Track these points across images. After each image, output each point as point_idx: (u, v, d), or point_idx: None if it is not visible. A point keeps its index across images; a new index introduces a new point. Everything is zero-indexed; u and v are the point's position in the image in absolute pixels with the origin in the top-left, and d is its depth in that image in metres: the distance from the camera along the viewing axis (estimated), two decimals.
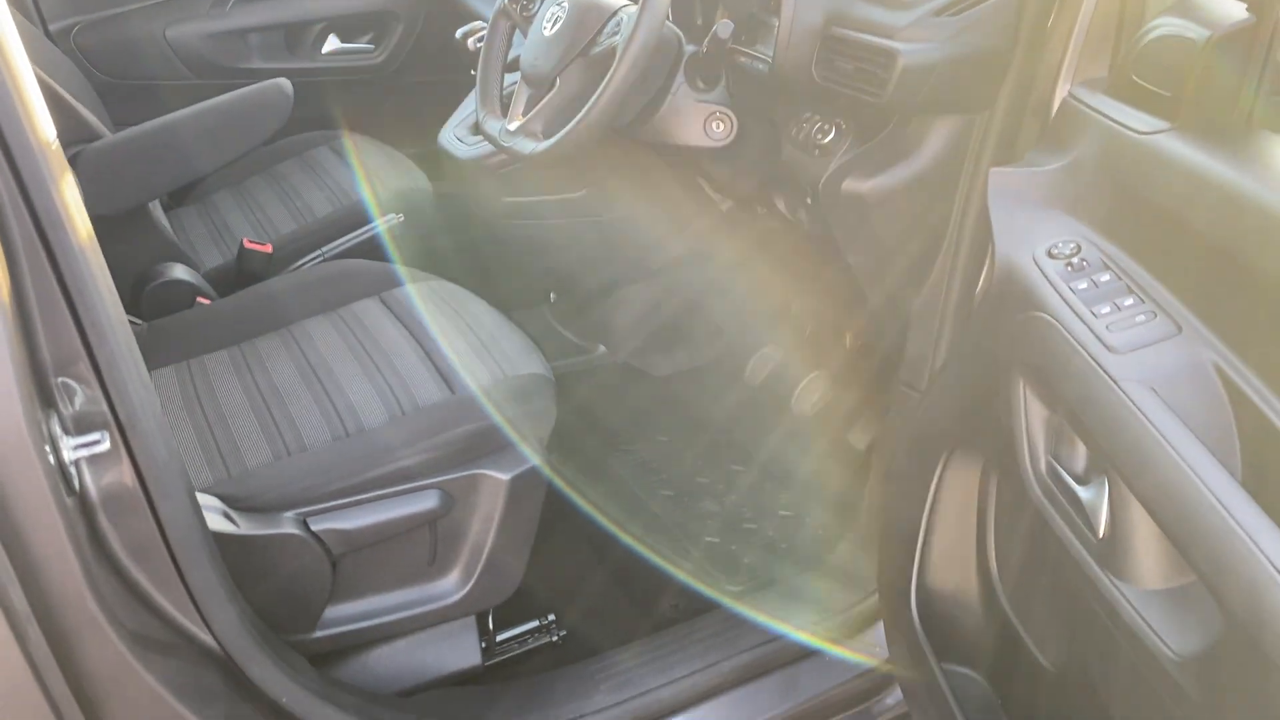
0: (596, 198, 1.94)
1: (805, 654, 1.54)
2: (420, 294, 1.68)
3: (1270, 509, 0.80)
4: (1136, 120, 1.03)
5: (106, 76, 2.43)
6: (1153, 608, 0.92)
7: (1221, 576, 0.80)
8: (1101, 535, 0.95)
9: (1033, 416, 1.04)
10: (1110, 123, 1.05)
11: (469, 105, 2.02)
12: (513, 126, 1.50)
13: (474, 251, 2.44)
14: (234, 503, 1.27)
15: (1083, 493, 0.98)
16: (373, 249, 2.06)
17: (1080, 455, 1.00)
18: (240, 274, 1.97)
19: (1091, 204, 1.06)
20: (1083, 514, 0.98)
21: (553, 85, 1.48)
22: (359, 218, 2.10)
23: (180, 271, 1.86)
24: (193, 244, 2.11)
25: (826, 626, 1.57)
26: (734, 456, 2.06)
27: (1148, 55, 1.06)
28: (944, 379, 1.33)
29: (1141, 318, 0.93)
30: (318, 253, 2.02)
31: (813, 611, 1.61)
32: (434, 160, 2.32)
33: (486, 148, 1.92)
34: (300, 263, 2.01)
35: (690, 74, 1.49)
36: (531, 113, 1.47)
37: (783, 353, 2.10)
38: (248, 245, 1.97)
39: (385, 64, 2.64)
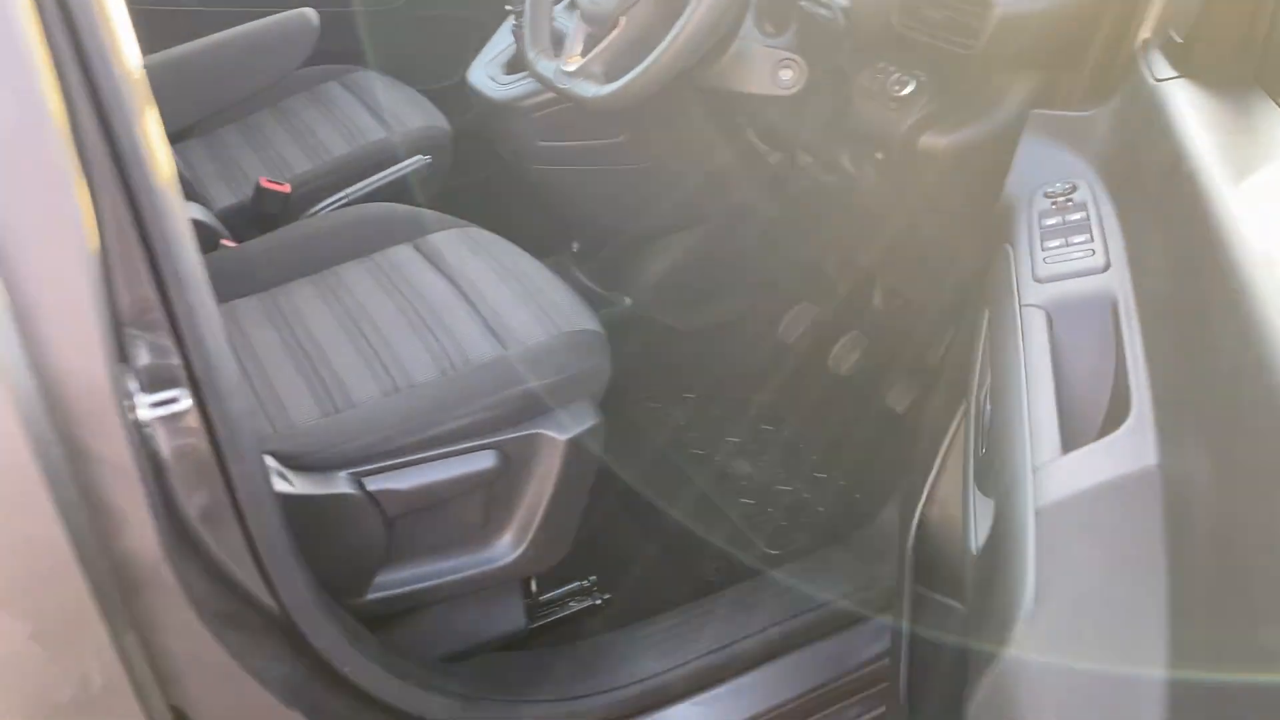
0: (636, 145, 1.86)
1: (855, 620, 1.52)
2: (457, 241, 1.60)
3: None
4: (1160, 68, 1.03)
5: None
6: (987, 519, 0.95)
7: (1001, 475, 0.85)
8: (982, 452, 0.99)
9: (985, 345, 1.08)
10: (1143, 69, 1.06)
11: (501, 42, 1.93)
12: (570, 68, 1.42)
13: (494, 196, 2.36)
14: (285, 461, 1.20)
15: (986, 412, 1.02)
16: (396, 192, 1.97)
17: None
18: (257, 215, 1.87)
19: (1104, 148, 1.08)
20: (980, 433, 1.02)
21: (614, 24, 1.40)
22: (381, 158, 2.00)
23: (197, 211, 1.76)
24: (203, 182, 2.00)
25: (869, 595, 1.55)
26: (765, 416, 2.02)
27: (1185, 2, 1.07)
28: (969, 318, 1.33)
29: (1079, 254, 0.97)
30: (340, 195, 1.93)
31: (856, 578, 1.59)
32: (451, 98, 2.23)
33: (523, 88, 1.83)
34: (321, 205, 1.92)
35: (759, 17, 1.41)
36: (592, 53, 1.39)
37: (820, 310, 2.05)
38: (265, 185, 1.87)
39: None
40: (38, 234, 0.72)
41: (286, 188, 1.88)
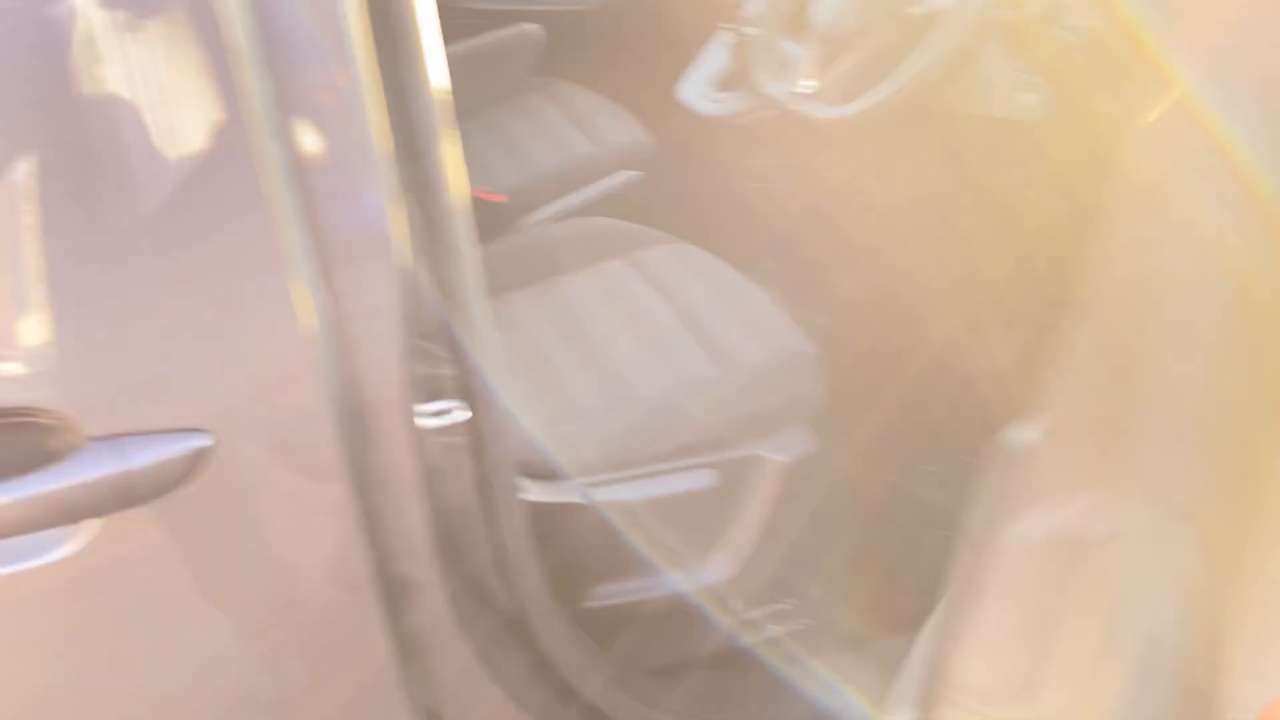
0: (846, 165, 1.83)
1: None
2: (671, 258, 1.61)
3: None
4: None
5: None
6: None
7: None
8: None
9: None
10: None
11: (715, 58, 1.93)
12: (803, 88, 1.41)
13: (686, 210, 2.37)
14: (519, 469, 1.24)
15: None
16: (602, 205, 2.00)
17: None
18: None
19: None
20: None
21: (850, 46, 1.39)
22: (589, 172, 2.03)
23: None
24: None
25: None
26: (964, 446, 1.95)
27: None
28: None
29: None
30: (552, 207, 1.97)
31: None
32: (651, 112, 2.24)
33: (734, 106, 1.84)
34: (532, 217, 1.96)
35: (1002, 40, 1.37)
36: (829, 74, 1.38)
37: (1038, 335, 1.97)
38: (479, 195, 1.92)
39: (600, 10, 2.55)
40: (359, 249, 0.76)
41: (503, 198, 1.93)
